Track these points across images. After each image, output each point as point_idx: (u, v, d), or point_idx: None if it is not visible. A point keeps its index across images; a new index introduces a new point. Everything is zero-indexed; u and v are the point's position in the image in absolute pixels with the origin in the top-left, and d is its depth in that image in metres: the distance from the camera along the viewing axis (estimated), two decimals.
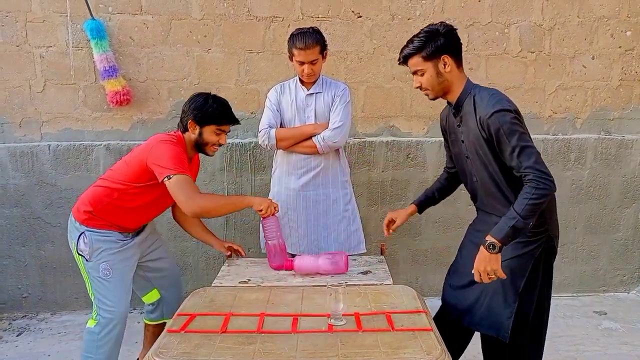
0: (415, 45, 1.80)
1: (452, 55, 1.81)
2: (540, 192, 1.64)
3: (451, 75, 1.82)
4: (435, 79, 1.82)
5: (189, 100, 2.20)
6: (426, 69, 1.81)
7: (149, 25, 3.05)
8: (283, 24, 3.08)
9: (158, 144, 2.07)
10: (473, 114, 1.78)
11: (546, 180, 1.65)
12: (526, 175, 1.66)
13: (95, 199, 2.11)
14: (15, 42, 3.02)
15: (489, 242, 1.69)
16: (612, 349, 2.75)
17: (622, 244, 3.44)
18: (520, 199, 1.66)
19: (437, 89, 1.85)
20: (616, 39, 3.25)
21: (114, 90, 2.99)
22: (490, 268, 1.70)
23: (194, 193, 2.00)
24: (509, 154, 1.70)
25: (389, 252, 3.24)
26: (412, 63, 1.83)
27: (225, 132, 2.22)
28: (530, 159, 1.67)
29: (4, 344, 2.90)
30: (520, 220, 1.65)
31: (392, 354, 1.45)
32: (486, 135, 1.75)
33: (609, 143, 3.31)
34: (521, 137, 1.69)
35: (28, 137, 3.13)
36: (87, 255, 2.10)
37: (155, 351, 1.49)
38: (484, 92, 1.80)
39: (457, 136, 1.93)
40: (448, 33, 1.80)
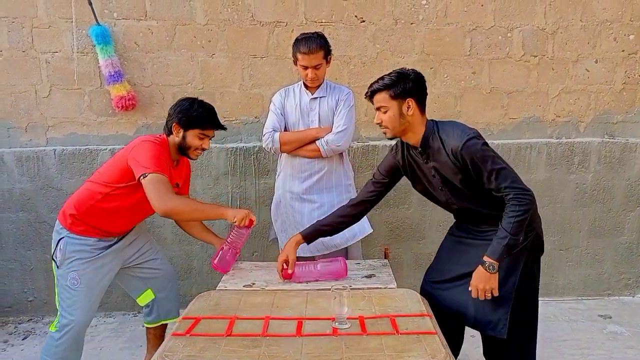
0: (385, 82, 1.89)
1: (417, 100, 1.90)
2: (523, 208, 1.76)
3: (413, 119, 1.91)
4: (397, 119, 1.90)
5: (175, 104, 2.21)
6: (390, 107, 1.90)
7: (153, 31, 3.08)
8: (287, 29, 3.10)
9: (140, 144, 2.08)
10: (442, 149, 1.87)
11: (525, 195, 1.77)
12: (507, 195, 1.78)
13: (80, 201, 2.12)
14: (22, 47, 3.04)
15: (487, 263, 1.80)
16: (618, 353, 2.74)
17: (626, 247, 3.43)
18: (506, 219, 1.78)
19: (397, 129, 1.93)
20: (619, 43, 3.25)
21: (119, 95, 3.01)
22: (489, 287, 1.81)
23: (166, 193, 1.97)
24: (486, 178, 1.81)
25: (393, 256, 3.24)
26: (378, 99, 1.92)
27: (209, 137, 2.22)
28: (507, 180, 1.79)
29: (10, 347, 2.92)
30: (511, 238, 1.77)
31: (396, 357, 1.46)
32: (461, 164, 1.84)
33: (612, 146, 3.31)
34: (494, 161, 1.80)
35: (34, 141, 3.15)
36: (58, 262, 2.12)
37: (161, 354, 1.50)
38: (446, 127, 1.90)
39: (425, 172, 2.01)
40: (417, 79, 1.91)
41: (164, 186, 1.98)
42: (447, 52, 3.19)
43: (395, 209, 3.29)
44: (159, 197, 1.95)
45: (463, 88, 3.24)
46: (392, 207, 3.29)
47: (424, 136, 1.92)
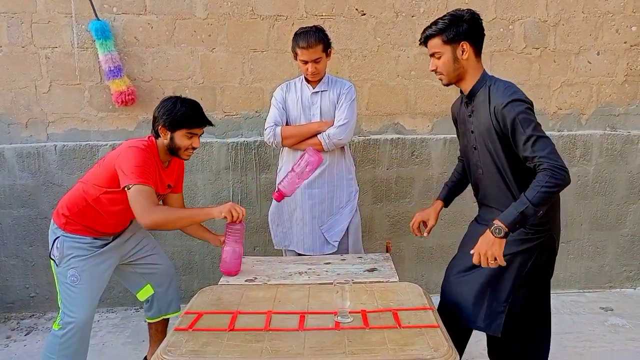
0: (438, 27, 1.80)
1: (471, 43, 1.81)
2: (554, 181, 1.61)
3: (467, 63, 1.82)
4: (451, 64, 1.82)
5: (159, 105, 2.15)
6: (444, 53, 1.81)
7: (153, 25, 3.06)
8: (287, 23, 3.08)
9: (126, 150, 2.05)
10: (487, 103, 1.77)
11: (561, 170, 1.62)
12: (540, 165, 1.63)
13: (72, 202, 2.12)
14: (21, 43, 3.03)
15: (495, 225, 1.66)
16: (619, 345, 2.74)
17: (628, 239, 3.42)
18: (532, 187, 1.63)
19: (451, 75, 1.85)
20: (621, 35, 3.23)
21: (119, 90, 3.00)
22: (492, 252, 1.67)
23: (149, 206, 1.95)
24: (523, 143, 1.67)
25: (395, 250, 3.24)
26: (432, 44, 1.83)
27: (197, 135, 2.16)
28: (545, 149, 1.64)
29: (12, 343, 2.92)
30: (530, 207, 1.61)
31: (399, 350, 1.46)
32: (499, 126, 1.73)
33: (614, 139, 3.30)
34: (536, 128, 1.68)
35: (34, 137, 3.15)
36: (57, 260, 2.12)
37: (164, 349, 1.50)
38: (500, 83, 1.80)
39: (467, 127, 1.92)
40: (472, 20, 1.80)
41: (147, 199, 1.96)
42: None
43: (397, 202, 3.29)
44: (142, 211, 1.95)
45: None
46: (393, 201, 3.29)
47: (474, 85, 1.83)
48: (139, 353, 2.74)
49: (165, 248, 3.11)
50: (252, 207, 3.23)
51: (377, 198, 3.28)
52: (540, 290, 1.96)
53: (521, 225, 1.67)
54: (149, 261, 2.37)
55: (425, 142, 3.24)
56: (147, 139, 2.17)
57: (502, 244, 1.66)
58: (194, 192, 3.19)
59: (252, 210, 3.24)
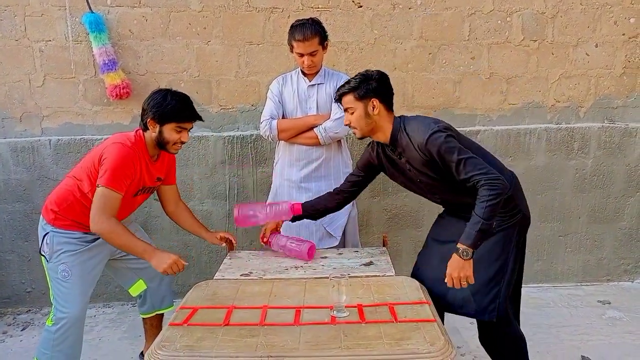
0: (350, 85, 1.96)
1: (381, 100, 1.95)
2: (495, 193, 1.75)
3: (379, 118, 1.96)
4: (363, 119, 1.96)
5: (148, 97, 2.11)
6: (356, 108, 1.96)
7: (148, 18, 3.03)
8: (283, 15, 3.06)
9: (110, 147, 2.03)
10: (410, 144, 1.90)
11: (496, 180, 1.76)
12: (478, 182, 1.78)
13: (60, 198, 2.10)
14: (14, 36, 3.00)
15: (461, 249, 1.78)
16: (616, 338, 2.74)
17: (626, 233, 3.42)
18: (478, 204, 1.77)
19: (364, 129, 2.00)
20: (620, 26, 3.21)
21: (113, 83, 2.97)
22: (464, 274, 1.79)
23: (104, 213, 1.97)
24: (455, 169, 1.82)
25: (392, 244, 3.23)
26: (345, 101, 1.98)
27: (186, 129, 2.13)
28: (475, 168, 1.79)
29: (8, 338, 2.92)
30: (484, 223, 1.75)
31: (395, 345, 1.45)
32: (429, 158, 1.87)
33: (612, 132, 3.28)
34: (460, 152, 1.82)
35: (29, 131, 3.12)
36: (47, 256, 2.11)
37: (158, 344, 1.49)
38: (411, 122, 1.94)
39: (401, 167, 2.04)
40: (381, 79, 1.97)
41: (106, 204, 1.98)
42: (445, 37, 3.15)
43: (394, 196, 3.27)
44: (96, 215, 1.97)
45: (462, 73, 3.21)
46: (390, 195, 3.27)
47: (392, 133, 1.97)
48: (135, 348, 2.74)
49: (161, 243, 3.11)
50: (248, 201, 3.22)
51: (374, 192, 3.26)
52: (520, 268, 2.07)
53: (483, 240, 1.80)
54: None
55: None
56: (134, 133, 2.14)
57: (471, 264, 1.79)
58: (189, 186, 3.17)
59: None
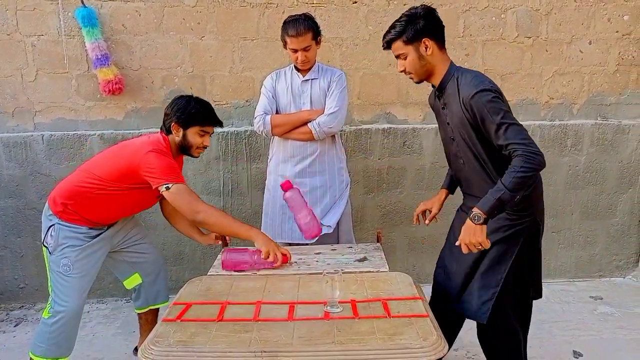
0: (396, 30, 1.82)
1: (433, 38, 1.82)
2: (528, 166, 1.63)
3: (433, 58, 1.84)
4: (417, 62, 1.84)
5: (172, 102, 2.20)
6: (408, 53, 1.84)
7: (141, 13, 3.01)
8: (277, 10, 3.05)
9: (150, 154, 2.04)
10: (456, 95, 1.79)
11: (535, 155, 1.63)
12: (515, 151, 1.65)
13: (73, 192, 2.09)
14: (6, 30, 2.97)
15: (474, 213, 1.70)
16: (608, 334, 2.76)
17: (618, 229, 3.44)
18: (508, 172, 1.66)
19: (420, 72, 1.87)
20: (613, 24, 3.22)
21: (106, 79, 2.95)
22: (476, 240, 1.70)
23: (197, 203, 2.05)
24: (495, 132, 1.70)
25: (386, 240, 3.24)
26: (395, 47, 1.86)
27: (209, 133, 2.22)
28: (517, 136, 1.66)
29: (1, 334, 2.90)
30: (507, 193, 1.64)
31: (388, 340, 1.45)
32: (470, 116, 1.75)
33: (605, 128, 3.30)
34: (506, 115, 1.69)
35: (21, 127, 3.10)
36: (50, 248, 2.10)
37: (152, 340, 1.49)
38: (467, 74, 1.81)
39: (442, 119, 1.95)
40: (428, 15, 1.81)
41: (191, 195, 2.06)
42: None
43: (388, 193, 3.28)
44: (191, 208, 2.03)
45: None
46: (385, 191, 3.28)
47: (443, 78, 1.85)
48: (129, 344, 2.73)
49: (155, 239, 3.10)
50: (242, 197, 3.22)
51: (368, 188, 3.27)
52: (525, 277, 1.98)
53: (500, 211, 1.70)
54: (138, 250, 2.36)
55: (417, 132, 3.22)
56: (162, 140, 2.16)
57: (483, 230, 1.70)
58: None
59: (243, 200, 3.22)
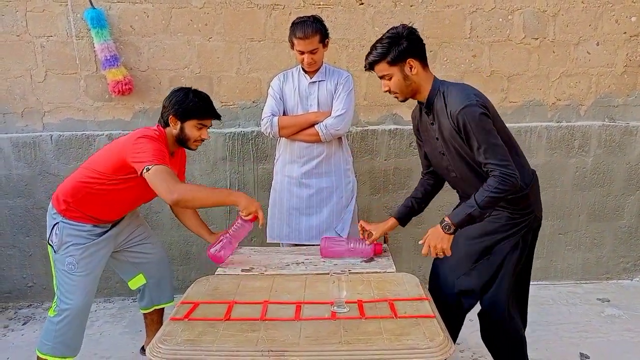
0: (379, 51, 1.84)
1: (417, 58, 1.84)
2: (502, 188, 1.71)
3: (418, 77, 1.86)
4: (402, 83, 1.86)
5: (170, 95, 2.18)
6: (393, 74, 1.85)
7: (149, 14, 3.03)
8: (284, 12, 3.06)
9: (138, 139, 2.04)
10: (444, 110, 1.82)
11: (509, 177, 1.71)
12: (492, 171, 1.73)
13: (74, 189, 2.10)
14: (16, 31, 3.00)
15: (445, 222, 1.81)
16: (615, 336, 2.75)
17: (625, 231, 3.43)
18: (482, 190, 1.73)
19: (405, 92, 1.90)
20: (621, 25, 3.21)
21: (115, 79, 2.97)
22: (440, 246, 1.81)
23: (174, 182, 1.93)
24: (476, 149, 1.75)
25: (392, 241, 3.24)
26: (379, 69, 1.87)
27: (206, 126, 2.20)
28: (496, 157, 1.73)
29: (10, 332, 2.93)
30: (477, 210, 1.73)
31: (395, 340, 1.46)
32: (458, 129, 1.79)
33: (613, 130, 3.29)
34: (489, 135, 1.74)
35: (30, 127, 3.13)
36: (55, 247, 2.11)
37: (160, 339, 1.50)
38: (452, 88, 1.84)
39: (431, 134, 1.97)
40: (410, 35, 1.83)
41: (169, 175, 1.94)
42: (447, 34, 3.15)
43: (395, 194, 3.28)
44: (166, 188, 1.92)
45: (463, 71, 3.21)
46: (391, 192, 3.28)
47: (429, 95, 1.88)
48: (136, 342, 2.75)
49: (162, 238, 3.12)
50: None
51: (374, 189, 3.27)
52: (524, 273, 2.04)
53: (468, 224, 1.80)
54: (142, 250, 2.36)
55: None
56: (156, 129, 2.17)
57: (450, 239, 1.82)
58: (191, 182, 3.17)
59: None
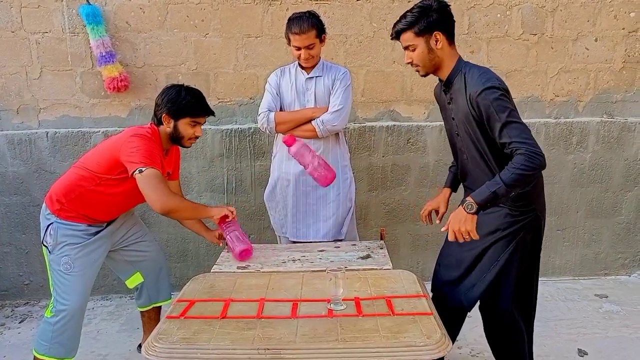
0: (407, 20, 1.80)
1: (444, 32, 1.81)
2: (529, 164, 1.63)
3: (442, 52, 1.83)
4: (426, 55, 1.83)
5: (162, 92, 2.15)
6: (418, 45, 1.82)
7: (145, 10, 3.01)
8: (281, 7, 3.04)
9: (131, 138, 2.02)
10: (463, 91, 1.79)
11: (537, 155, 1.64)
12: (517, 149, 1.66)
13: (67, 189, 2.09)
14: (10, 28, 2.98)
15: (467, 201, 1.71)
16: (613, 332, 2.75)
17: (623, 227, 3.42)
18: (508, 168, 1.67)
19: (428, 65, 1.86)
20: (619, 21, 3.20)
21: (111, 76, 2.96)
22: (465, 228, 1.71)
23: (163, 191, 1.94)
24: (499, 130, 1.70)
25: (390, 237, 3.23)
26: (404, 38, 1.84)
27: (200, 123, 2.19)
28: (521, 134, 1.67)
29: (6, 330, 2.92)
30: (502, 187, 1.66)
31: (392, 338, 1.45)
32: (476, 112, 1.75)
33: (611, 126, 3.28)
34: (511, 114, 1.69)
35: (25, 124, 3.11)
36: (50, 247, 2.10)
37: (155, 337, 1.49)
38: (475, 70, 1.80)
39: (448, 113, 1.95)
40: (441, 9, 1.80)
41: (160, 183, 1.95)
42: None
43: (392, 190, 3.27)
44: (156, 196, 1.92)
45: None
46: (389, 189, 3.27)
47: (450, 73, 1.85)
48: (133, 340, 2.74)
49: (159, 236, 3.11)
50: (246, 195, 3.22)
51: (372, 186, 3.26)
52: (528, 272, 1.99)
53: (492, 204, 1.72)
54: (138, 248, 2.35)
55: (421, 130, 3.21)
56: (149, 127, 2.15)
57: (474, 220, 1.71)
58: (188, 179, 3.16)
59: (247, 197, 3.22)
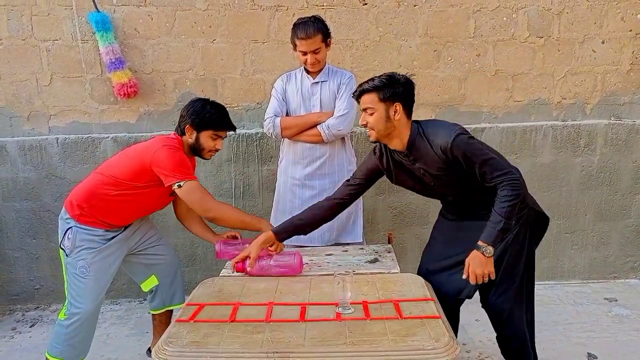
0: (375, 83, 1.87)
1: (404, 106, 1.89)
2: (515, 193, 1.79)
3: (399, 123, 1.90)
4: (383, 122, 1.89)
5: (188, 105, 2.24)
6: (377, 110, 1.89)
7: (153, 17, 3.05)
8: (288, 13, 3.06)
9: (162, 149, 2.08)
10: (430, 148, 1.87)
11: (516, 180, 1.80)
12: (500, 183, 1.81)
13: (89, 194, 2.12)
14: (21, 35, 3.02)
15: (483, 247, 1.81)
16: (623, 336, 2.73)
17: (632, 230, 3.40)
18: (499, 203, 1.80)
19: (381, 132, 1.92)
20: (627, 23, 3.19)
21: (120, 82, 2.99)
22: (487, 271, 1.82)
23: (208, 200, 2.12)
24: (479, 170, 1.84)
25: (397, 241, 3.23)
26: (366, 100, 1.90)
27: (221, 137, 2.26)
28: (497, 169, 1.82)
29: (17, 334, 2.95)
30: (505, 222, 1.79)
31: (400, 341, 1.45)
32: (453, 159, 1.85)
33: (619, 128, 3.26)
34: (483, 153, 1.83)
35: (36, 130, 3.15)
36: (67, 251, 2.13)
37: (165, 341, 1.50)
38: (431, 126, 1.91)
39: (414, 172, 2.00)
40: (407, 84, 1.90)
41: (203, 193, 2.13)
42: (451, 34, 3.14)
43: (400, 194, 3.27)
44: (202, 206, 2.12)
45: (467, 70, 3.20)
46: (396, 193, 3.27)
47: (409, 139, 1.92)
48: (142, 344, 2.76)
49: (168, 240, 3.12)
50: (254, 199, 3.23)
51: (379, 189, 3.26)
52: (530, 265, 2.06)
53: (504, 239, 1.87)
54: (155, 252, 2.39)
55: None
56: (174, 137, 2.22)
57: (492, 262, 1.83)
58: None
59: (254, 202, 3.24)
